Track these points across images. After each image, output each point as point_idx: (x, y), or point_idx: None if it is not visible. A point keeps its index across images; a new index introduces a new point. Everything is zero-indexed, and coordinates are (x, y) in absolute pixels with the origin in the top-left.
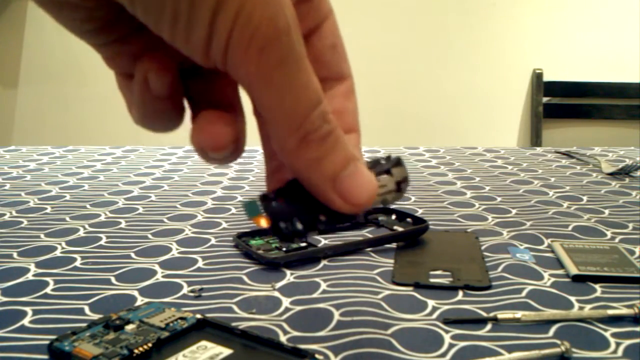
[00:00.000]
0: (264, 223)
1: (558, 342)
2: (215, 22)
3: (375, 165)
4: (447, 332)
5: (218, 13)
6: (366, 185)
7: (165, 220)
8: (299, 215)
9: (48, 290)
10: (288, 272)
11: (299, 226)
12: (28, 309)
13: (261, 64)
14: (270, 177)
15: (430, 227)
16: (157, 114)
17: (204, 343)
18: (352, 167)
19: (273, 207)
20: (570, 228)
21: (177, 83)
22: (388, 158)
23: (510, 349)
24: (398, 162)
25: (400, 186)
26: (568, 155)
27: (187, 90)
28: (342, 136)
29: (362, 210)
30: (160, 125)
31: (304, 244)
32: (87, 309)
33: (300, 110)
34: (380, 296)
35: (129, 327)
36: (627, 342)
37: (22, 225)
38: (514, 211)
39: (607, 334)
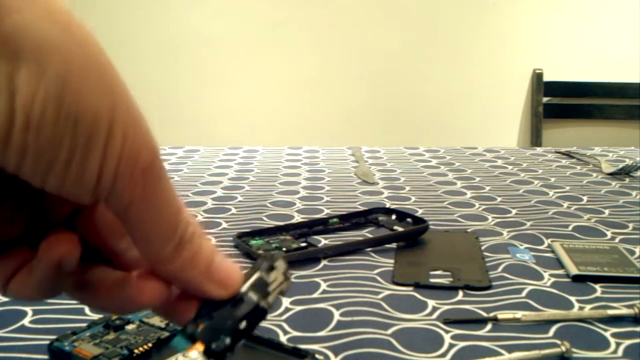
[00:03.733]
0: (199, 348)
1: (558, 342)
2: (106, 156)
3: (259, 266)
4: (447, 332)
5: (108, 146)
6: (234, 268)
7: None
8: (223, 332)
9: None
10: None
11: (227, 340)
12: (28, 309)
13: (146, 185)
14: (176, 313)
15: (430, 227)
16: (58, 288)
17: None
18: (218, 256)
19: (201, 333)
20: (570, 228)
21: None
22: (265, 257)
23: (510, 349)
24: (276, 257)
25: (287, 275)
26: (568, 155)
27: None
28: (202, 232)
29: (235, 292)
30: (55, 294)
31: (304, 244)
32: (87, 309)
33: (174, 217)
34: (380, 296)
35: (129, 327)
36: (627, 342)
37: None
38: (514, 211)
39: (607, 334)
